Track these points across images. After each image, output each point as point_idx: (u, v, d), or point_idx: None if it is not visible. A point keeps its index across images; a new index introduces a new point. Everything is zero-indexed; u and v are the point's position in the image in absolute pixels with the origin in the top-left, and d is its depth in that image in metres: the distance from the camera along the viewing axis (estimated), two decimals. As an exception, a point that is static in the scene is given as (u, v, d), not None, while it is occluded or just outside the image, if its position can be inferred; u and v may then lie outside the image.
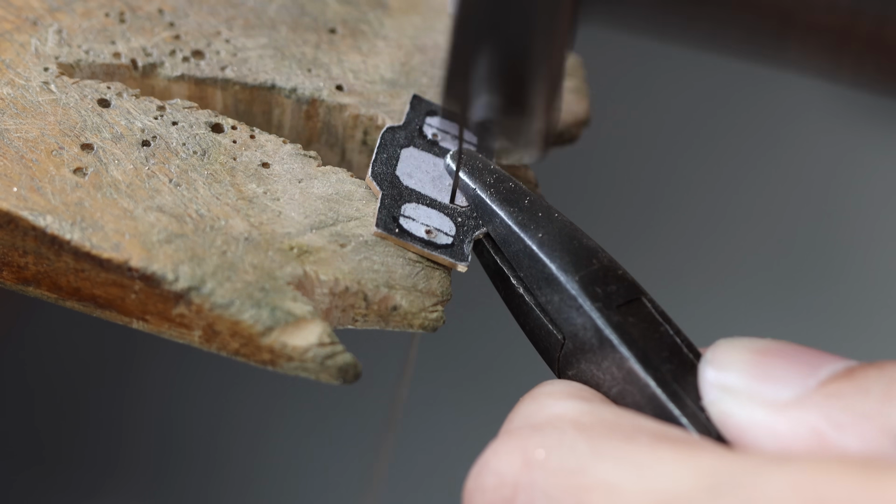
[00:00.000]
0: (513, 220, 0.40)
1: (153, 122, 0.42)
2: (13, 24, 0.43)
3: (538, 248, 0.39)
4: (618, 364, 0.37)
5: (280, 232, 0.39)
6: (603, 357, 0.37)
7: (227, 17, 0.46)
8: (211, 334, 0.38)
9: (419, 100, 0.44)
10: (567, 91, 0.48)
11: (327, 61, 0.45)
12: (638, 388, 0.36)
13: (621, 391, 0.37)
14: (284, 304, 0.38)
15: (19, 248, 0.39)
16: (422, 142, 0.43)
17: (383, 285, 0.39)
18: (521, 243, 0.39)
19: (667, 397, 0.36)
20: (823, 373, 0.34)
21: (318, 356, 0.37)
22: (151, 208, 0.39)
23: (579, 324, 0.38)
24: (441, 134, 0.43)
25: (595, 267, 0.39)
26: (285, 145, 0.42)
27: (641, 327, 0.37)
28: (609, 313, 0.37)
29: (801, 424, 0.33)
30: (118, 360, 0.83)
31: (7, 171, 0.39)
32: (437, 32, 0.48)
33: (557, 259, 0.39)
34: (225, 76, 0.44)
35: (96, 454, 0.80)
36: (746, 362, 0.35)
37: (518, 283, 0.40)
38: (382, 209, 0.40)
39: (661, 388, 0.36)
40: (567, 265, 0.38)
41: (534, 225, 0.40)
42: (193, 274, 0.38)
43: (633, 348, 0.37)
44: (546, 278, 0.39)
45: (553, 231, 0.39)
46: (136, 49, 0.44)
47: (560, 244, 0.39)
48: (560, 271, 0.38)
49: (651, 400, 0.36)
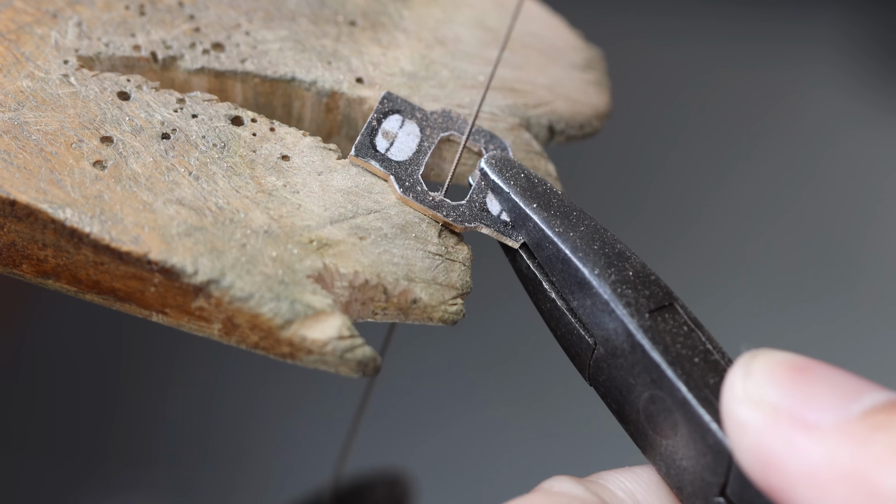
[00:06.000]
0: (546, 225, 0.40)
1: (173, 114, 0.42)
2: (33, 16, 0.43)
3: (571, 253, 0.39)
4: (649, 369, 0.37)
5: (300, 225, 0.39)
6: (635, 362, 0.37)
7: (246, 10, 0.46)
8: (230, 327, 0.38)
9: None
10: (588, 84, 0.48)
11: (347, 54, 0.45)
12: (669, 394, 0.36)
13: (652, 396, 0.37)
14: (304, 297, 0.38)
15: (39, 241, 0.38)
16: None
17: (403, 278, 0.39)
18: (555, 247, 0.39)
19: (698, 403, 0.36)
20: (866, 402, 0.33)
21: (338, 349, 0.37)
22: (171, 201, 0.39)
23: (611, 328, 0.38)
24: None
25: (628, 271, 0.39)
26: (305, 138, 0.42)
27: (673, 333, 0.37)
28: (641, 318, 0.37)
29: (840, 454, 0.32)
30: (116, 355, 0.83)
31: (27, 164, 0.39)
32: (456, 25, 0.47)
33: (590, 263, 0.39)
34: (245, 69, 0.44)
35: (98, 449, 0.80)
36: (785, 378, 0.34)
37: (550, 287, 0.40)
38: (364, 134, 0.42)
39: (692, 394, 0.36)
40: (600, 269, 0.38)
41: (567, 229, 0.40)
42: (213, 267, 0.38)
43: (665, 353, 0.37)
44: (579, 282, 0.39)
45: (586, 235, 0.39)
46: (156, 42, 0.44)
47: (593, 248, 0.39)
48: (592, 275, 0.38)
49: (682, 405, 0.36)
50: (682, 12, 1.03)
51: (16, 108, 0.40)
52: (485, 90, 0.44)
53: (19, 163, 0.39)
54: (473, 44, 0.47)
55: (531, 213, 0.40)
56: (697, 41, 1.02)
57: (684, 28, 1.03)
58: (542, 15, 0.49)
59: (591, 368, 0.39)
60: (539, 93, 0.46)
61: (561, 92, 0.47)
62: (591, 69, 0.48)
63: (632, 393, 0.37)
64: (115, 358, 0.84)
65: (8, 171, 0.38)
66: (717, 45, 1.02)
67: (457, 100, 0.45)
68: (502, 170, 0.41)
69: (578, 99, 0.47)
